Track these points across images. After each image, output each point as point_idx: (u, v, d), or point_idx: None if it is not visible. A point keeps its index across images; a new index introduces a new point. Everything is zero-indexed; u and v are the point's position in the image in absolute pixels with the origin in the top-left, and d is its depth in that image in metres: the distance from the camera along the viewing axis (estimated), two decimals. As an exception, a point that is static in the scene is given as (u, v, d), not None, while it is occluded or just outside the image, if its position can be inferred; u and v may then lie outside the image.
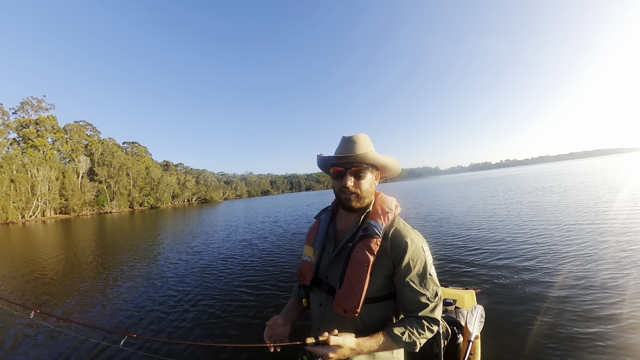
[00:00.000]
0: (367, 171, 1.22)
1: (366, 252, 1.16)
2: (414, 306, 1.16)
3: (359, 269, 1.15)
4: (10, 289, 7.00)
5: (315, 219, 1.49)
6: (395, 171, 1.34)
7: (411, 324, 1.14)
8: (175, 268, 7.98)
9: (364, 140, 1.22)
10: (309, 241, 1.43)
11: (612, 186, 17.49)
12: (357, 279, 1.15)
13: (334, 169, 1.24)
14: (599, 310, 3.67)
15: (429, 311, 1.15)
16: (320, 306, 1.30)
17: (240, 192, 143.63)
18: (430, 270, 1.18)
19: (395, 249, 1.17)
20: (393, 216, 1.26)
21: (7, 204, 47.65)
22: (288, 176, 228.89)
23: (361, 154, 1.17)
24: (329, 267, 1.29)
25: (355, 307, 1.15)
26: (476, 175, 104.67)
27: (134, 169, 76.36)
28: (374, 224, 1.21)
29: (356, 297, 1.14)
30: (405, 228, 1.23)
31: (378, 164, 1.24)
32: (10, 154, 54.12)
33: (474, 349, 2.12)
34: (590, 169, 47.09)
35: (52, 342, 4.13)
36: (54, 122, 67.96)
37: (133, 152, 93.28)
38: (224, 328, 4.29)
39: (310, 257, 1.37)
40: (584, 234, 7.27)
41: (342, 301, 1.17)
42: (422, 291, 1.15)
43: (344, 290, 1.17)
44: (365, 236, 1.20)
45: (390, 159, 1.26)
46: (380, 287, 1.19)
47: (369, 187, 1.24)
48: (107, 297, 6.02)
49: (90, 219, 41.85)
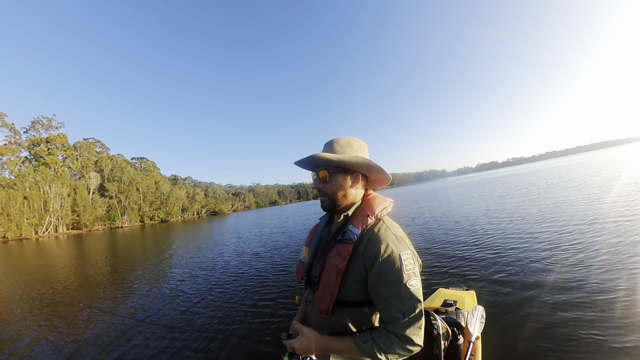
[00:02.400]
0: (334, 173, 1.22)
1: (337, 256, 1.17)
2: (385, 317, 1.11)
3: (330, 273, 1.17)
4: (31, 301, 7.14)
5: (319, 220, 1.54)
6: (371, 170, 1.25)
7: (378, 336, 1.09)
8: (190, 280, 8.04)
9: (338, 144, 1.23)
10: (307, 242, 1.49)
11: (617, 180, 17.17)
12: (329, 283, 1.17)
13: (312, 174, 1.31)
14: (602, 311, 3.62)
15: (399, 326, 1.06)
16: (310, 303, 1.36)
17: (249, 204, 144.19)
18: (409, 281, 1.07)
19: (368, 255, 1.12)
20: (374, 220, 1.20)
21: (21, 220, 48.60)
22: (295, 185, 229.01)
23: (316, 155, 1.18)
24: (315, 268, 1.33)
25: (327, 309, 1.17)
26: (484, 176, 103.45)
27: (144, 183, 77.41)
28: (352, 228, 1.19)
29: (327, 299, 1.17)
30: (384, 233, 1.15)
31: (332, 163, 1.20)
32: (23, 171, 55.43)
33: (475, 350, 2.11)
34: (601, 161, 46.25)
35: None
36: (64, 140, 69.49)
37: (142, 168, 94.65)
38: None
39: (305, 257, 1.42)
40: (591, 232, 7.10)
41: (317, 302, 1.21)
42: (392, 302, 1.07)
43: (319, 292, 1.21)
44: (340, 241, 1.20)
45: (350, 157, 1.18)
46: (357, 292, 1.16)
47: (337, 188, 1.23)
48: (127, 311, 6.14)
49: (102, 234, 42.33)
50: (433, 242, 8.59)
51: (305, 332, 1.18)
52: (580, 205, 10.77)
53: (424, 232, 10.54)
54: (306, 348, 1.15)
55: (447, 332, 1.96)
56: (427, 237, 9.45)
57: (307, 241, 1.49)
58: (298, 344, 1.15)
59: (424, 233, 10.30)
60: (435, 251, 7.48)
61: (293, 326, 1.25)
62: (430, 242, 8.68)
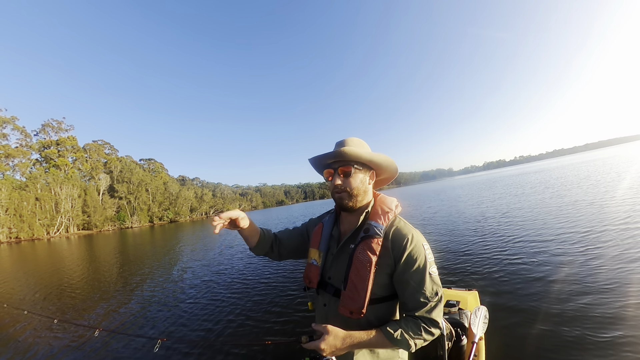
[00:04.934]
0: (356, 169, 1.23)
1: (368, 252, 1.17)
2: (412, 304, 1.14)
3: (362, 270, 1.16)
4: (47, 300, 7.32)
5: (319, 222, 1.50)
6: (390, 169, 1.33)
7: (407, 323, 1.13)
8: (200, 278, 8.17)
9: (353, 142, 1.26)
10: (314, 244, 1.43)
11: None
12: (361, 280, 1.16)
13: (326, 171, 1.28)
14: (606, 311, 3.60)
15: (426, 311, 1.12)
16: (324, 306, 1.33)
17: (256, 204, 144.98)
18: (431, 268, 1.15)
19: (396, 246, 1.16)
20: (394, 216, 1.26)
21: (33, 221, 49.51)
22: (302, 185, 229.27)
23: (345, 151, 1.19)
24: (332, 269, 1.32)
25: (360, 308, 1.15)
26: (492, 174, 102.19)
27: (153, 184, 78.40)
28: (375, 224, 1.21)
29: (361, 298, 1.15)
30: (406, 227, 1.22)
31: (363, 160, 1.22)
32: (34, 173, 56.42)
33: (478, 351, 2.12)
34: (611, 158, 45.39)
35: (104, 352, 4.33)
36: (74, 142, 70.53)
37: (150, 169, 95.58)
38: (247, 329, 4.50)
39: (316, 259, 1.38)
40: (597, 232, 7.01)
41: (347, 303, 1.18)
42: (420, 289, 1.13)
43: (348, 292, 1.18)
44: (367, 237, 1.20)
45: (380, 156, 1.25)
46: (385, 287, 1.19)
47: (359, 185, 1.24)
48: (138, 306, 6.31)
49: (112, 234, 42.89)
50: (437, 241, 8.57)
51: (331, 331, 1.14)
52: (593, 206, 10.60)
53: (428, 231, 10.53)
54: (334, 347, 1.12)
55: (450, 332, 1.97)
56: (431, 237, 9.43)
57: (314, 243, 1.43)
58: (325, 344, 1.11)
59: (427, 232, 10.27)
60: (440, 251, 7.45)
61: (314, 327, 1.22)
62: (435, 242, 8.66)
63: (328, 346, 1.11)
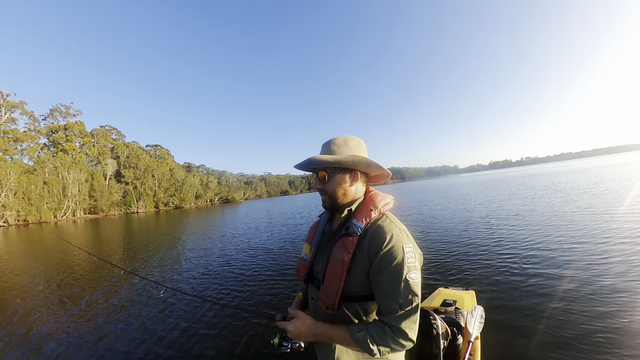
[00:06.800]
0: (332, 173, 1.24)
1: (342, 250, 1.17)
2: (383, 309, 1.12)
3: (336, 267, 1.18)
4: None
5: (318, 218, 1.55)
6: (370, 168, 1.28)
7: (373, 327, 1.10)
8: (203, 257, 8.37)
9: (335, 144, 1.27)
10: (308, 239, 1.48)
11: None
12: (335, 277, 1.17)
13: (314, 175, 1.32)
14: (605, 312, 3.61)
15: (394, 318, 1.07)
16: (312, 300, 1.36)
17: (260, 192, 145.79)
18: (409, 274, 1.07)
19: (372, 246, 1.13)
20: (377, 214, 1.22)
21: (41, 204, 50.22)
22: (306, 176, 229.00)
23: (313, 158, 1.22)
24: (319, 264, 1.34)
25: (332, 304, 1.17)
26: (497, 174, 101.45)
27: (159, 170, 78.96)
28: (356, 222, 1.20)
29: (333, 294, 1.17)
30: (389, 226, 1.16)
31: (329, 164, 1.22)
32: (42, 157, 57.07)
33: (474, 350, 2.14)
34: (622, 164, 44.84)
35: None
36: (82, 127, 71.00)
37: (156, 155, 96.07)
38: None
39: (307, 254, 1.43)
40: (595, 235, 7.03)
41: (323, 298, 1.21)
42: (392, 293, 1.08)
43: (325, 288, 1.21)
44: (344, 235, 1.21)
45: (349, 157, 1.21)
46: (362, 286, 1.17)
47: (336, 187, 1.26)
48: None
49: (118, 219, 43.53)
50: (435, 240, 8.55)
51: (301, 316, 1.22)
52: (603, 213, 10.54)
53: (427, 230, 10.53)
54: (299, 331, 1.18)
55: (446, 331, 1.98)
56: (429, 235, 9.45)
57: (308, 238, 1.49)
58: (292, 326, 1.18)
59: (426, 231, 10.28)
60: (437, 251, 7.40)
61: (289, 311, 1.30)
62: (432, 240, 8.64)
63: (294, 329, 1.19)
